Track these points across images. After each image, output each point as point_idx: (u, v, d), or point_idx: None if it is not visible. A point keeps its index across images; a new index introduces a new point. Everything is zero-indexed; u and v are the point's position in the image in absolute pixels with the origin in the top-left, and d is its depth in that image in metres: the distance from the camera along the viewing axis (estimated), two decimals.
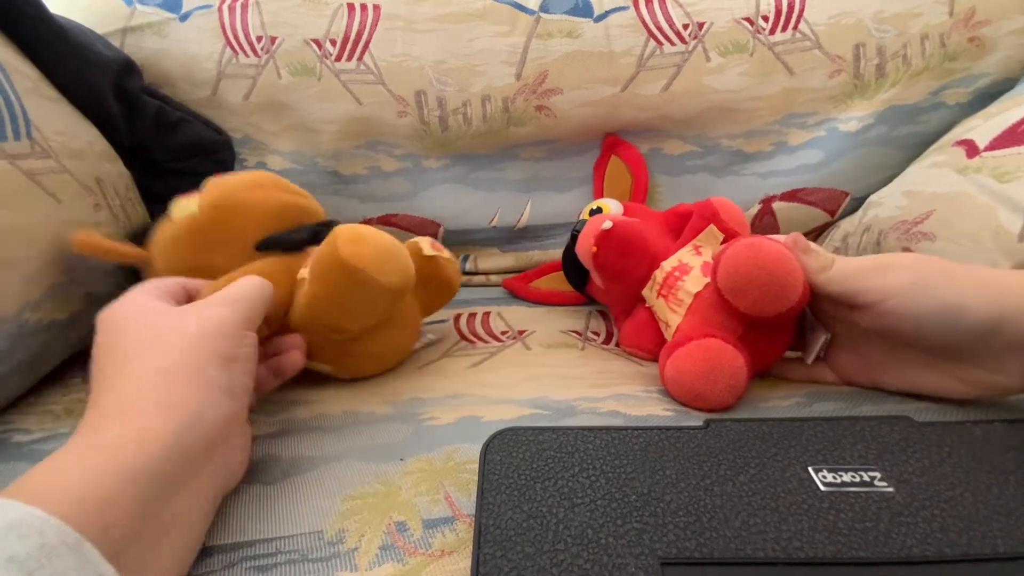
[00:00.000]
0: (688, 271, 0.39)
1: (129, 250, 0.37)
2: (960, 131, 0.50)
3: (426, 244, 0.42)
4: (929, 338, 0.29)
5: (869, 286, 0.30)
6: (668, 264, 0.41)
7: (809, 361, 0.35)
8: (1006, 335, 0.27)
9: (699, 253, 0.40)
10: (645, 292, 0.43)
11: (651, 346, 0.42)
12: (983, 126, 0.47)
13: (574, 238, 0.45)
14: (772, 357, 0.36)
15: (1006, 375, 0.29)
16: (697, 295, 0.37)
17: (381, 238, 0.33)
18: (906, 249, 0.47)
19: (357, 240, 0.32)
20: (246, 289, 0.29)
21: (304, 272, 0.34)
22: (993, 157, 0.44)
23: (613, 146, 0.57)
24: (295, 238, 0.37)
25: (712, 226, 0.41)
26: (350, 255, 0.31)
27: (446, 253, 0.43)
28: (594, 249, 0.41)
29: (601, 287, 0.45)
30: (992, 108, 0.49)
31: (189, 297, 0.31)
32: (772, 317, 0.32)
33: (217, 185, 0.36)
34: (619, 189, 0.56)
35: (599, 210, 0.50)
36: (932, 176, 0.49)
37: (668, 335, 0.39)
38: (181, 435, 0.22)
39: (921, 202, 0.48)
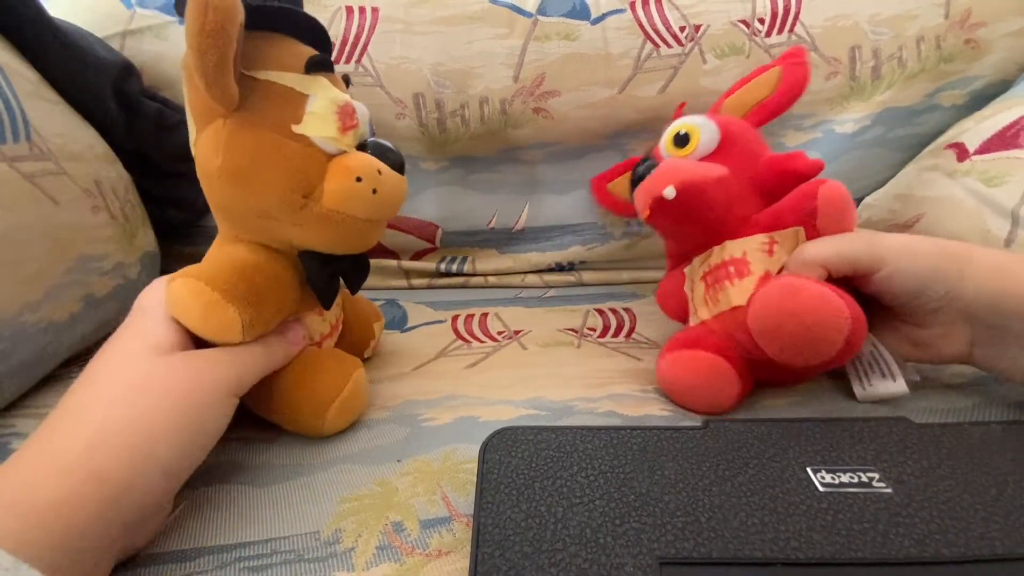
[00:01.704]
0: (744, 275, 0.34)
1: None
2: (953, 133, 0.50)
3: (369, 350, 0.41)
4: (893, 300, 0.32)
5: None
6: (731, 249, 0.35)
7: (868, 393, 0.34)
8: (931, 297, 0.30)
9: (771, 253, 0.34)
10: (695, 262, 0.39)
11: (676, 311, 0.42)
12: (974, 129, 0.47)
13: (641, 177, 0.37)
14: (787, 377, 0.35)
15: (947, 341, 0.31)
16: (735, 308, 0.33)
17: (363, 404, 0.33)
18: None
19: (345, 411, 0.31)
20: (251, 354, 0.28)
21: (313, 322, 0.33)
22: (982, 160, 0.44)
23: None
24: (321, 289, 0.32)
25: (800, 229, 0.33)
26: (330, 424, 0.31)
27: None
28: (647, 212, 0.36)
29: None
30: (986, 111, 0.49)
31: None
32: (810, 368, 0.30)
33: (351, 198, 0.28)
34: (754, 96, 0.42)
35: (687, 136, 0.38)
36: (923, 179, 0.49)
37: (693, 319, 0.37)
38: (103, 512, 0.21)
39: (912, 205, 0.48)
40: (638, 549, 0.21)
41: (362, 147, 0.31)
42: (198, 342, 0.28)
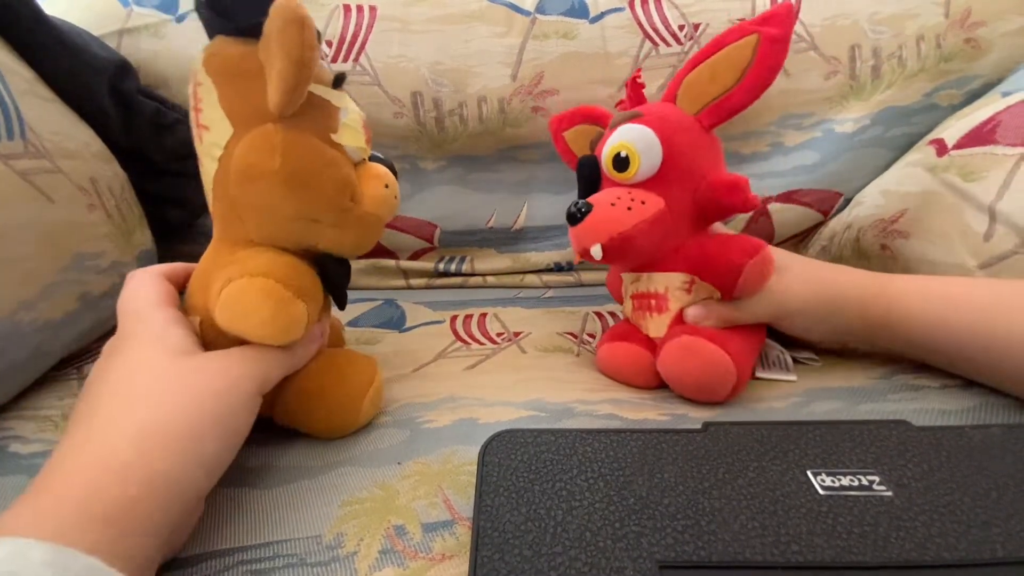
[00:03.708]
0: (663, 311, 0.38)
1: None
2: (938, 130, 0.51)
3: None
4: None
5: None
6: (656, 282, 0.38)
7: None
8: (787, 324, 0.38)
9: (689, 292, 0.37)
10: (626, 279, 0.41)
11: (619, 298, 0.44)
12: (955, 125, 0.48)
13: (573, 217, 0.36)
14: None
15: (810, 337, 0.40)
16: (649, 337, 0.39)
17: (383, 394, 0.34)
18: (883, 246, 0.48)
19: (376, 400, 0.33)
20: (273, 352, 0.27)
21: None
22: (960, 155, 0.44)
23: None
24: (340, 289, 0.33)
25: (713, 289, 0.36)
26: (364, 415, 0.32)
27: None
28: (577, 259, 0.39)
29: None
30: (967, 108, 0.50)
31: (180, 283, 0.31)
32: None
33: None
34: (719, 86, 0.36)
35: (627, 160, 0.36)
36: (906, 175, 0.50)
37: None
38: (160, 513, 0.21)
39: (896, 201, 0.49)
40: (638, 552, 0.21)
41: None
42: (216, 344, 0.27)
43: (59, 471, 0.20)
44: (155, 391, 0.23)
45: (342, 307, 0.34)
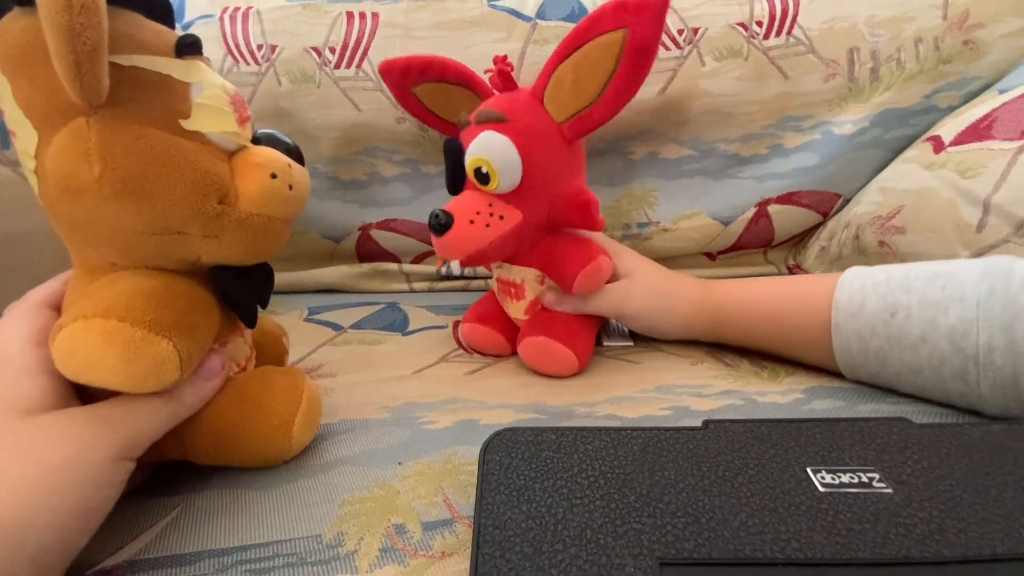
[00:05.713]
0: (520, 298, 0.43)
1: None
2: (935, 128, 0.51)
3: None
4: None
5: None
6: (514, 273, 0.42)
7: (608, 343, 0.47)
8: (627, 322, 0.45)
9: (542, 283, 0.42)
10: (493, 265, 0.45)
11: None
12: (952, 123, 0.48)
13: (434, 228, 0.37)
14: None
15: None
16: (514, 318, 0.44)
17: (321, 411, 0.31)
18: (881, 243, 0.48)
19: (309, 423, 0.29)
20: (146, 405, 0.23)
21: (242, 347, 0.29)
22: (958, 152, 0.45)
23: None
24: (243, 306, 0.28)
25: (557, 285, 0.41)
26: (297, 441, 0.29)
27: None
28: (439, 263, 0.41)
29: None
30: (965, 106, 0.50)
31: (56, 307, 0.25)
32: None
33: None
34: (586, 95, 0.36)
35: (488, 176, 0.36)
36: (903, 172, 0.51)
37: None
38: None
39: (893, 197, 0.49)
40: (638, 550, 0.21)
41: (254, 140, 0.27)
42: (90, 396, 0.23)
43: None
44: None
45: (250, 325, 0.29)
